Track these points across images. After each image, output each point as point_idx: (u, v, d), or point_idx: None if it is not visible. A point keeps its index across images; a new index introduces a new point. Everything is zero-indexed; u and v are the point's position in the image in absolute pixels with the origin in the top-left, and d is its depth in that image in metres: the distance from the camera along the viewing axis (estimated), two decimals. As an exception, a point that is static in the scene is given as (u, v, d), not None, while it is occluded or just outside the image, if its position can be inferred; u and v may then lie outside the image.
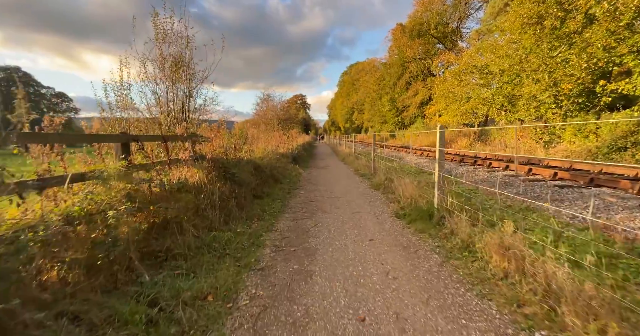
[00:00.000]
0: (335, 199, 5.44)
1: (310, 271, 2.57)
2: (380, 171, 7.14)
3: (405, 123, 31.78)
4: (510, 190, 5.30)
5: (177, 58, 4.72)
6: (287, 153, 10.71)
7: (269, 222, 4.02)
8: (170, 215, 2.83)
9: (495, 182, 6.00)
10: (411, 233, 3.43)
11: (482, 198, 4.53)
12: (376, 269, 2.56)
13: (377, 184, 6.40)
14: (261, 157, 7.02)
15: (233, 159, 5.04)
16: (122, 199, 2.31)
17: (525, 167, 6.60)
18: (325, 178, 8.03)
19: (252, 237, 3.41)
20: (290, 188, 6.47)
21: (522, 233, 2.34)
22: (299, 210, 4.72)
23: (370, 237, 3.39)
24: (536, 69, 10.48)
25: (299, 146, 14.87)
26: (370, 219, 4.10)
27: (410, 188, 4.54)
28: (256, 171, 5.79)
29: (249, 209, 4.33)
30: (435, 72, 29.35)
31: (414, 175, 6.34)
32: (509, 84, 14.63)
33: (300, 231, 3.68)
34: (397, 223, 3.88)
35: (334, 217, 4.28)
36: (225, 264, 2.63)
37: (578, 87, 10.03)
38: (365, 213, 4.39)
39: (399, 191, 4.99)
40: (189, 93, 4.84)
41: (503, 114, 17.34)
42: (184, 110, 4.93)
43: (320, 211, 4.63)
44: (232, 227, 3.55)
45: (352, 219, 4.12)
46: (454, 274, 2.39)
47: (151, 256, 2.46)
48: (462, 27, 28.84)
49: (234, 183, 4.48)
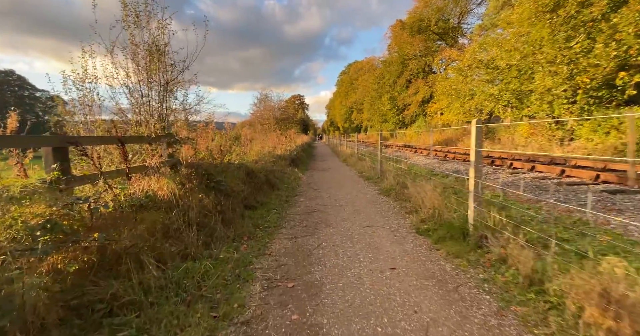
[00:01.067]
0: (341, 208, 4.68)
1: (315, 326, 1.81)
2: (389, 174, 6.38)
3: (405, 122, 31.05)
4: (547, 196, 4.55)
5: (152, 44, 3.96)
6: (285, 155, 9.96)
7: (262, 242, 3.26)
8: (123, 245, 2.07)
9: (521, 185, 5.26)
10: (443, 258, 2.67)
11: (518, 207, 3.78)
12: (409, 322, 1.80)
13: (387, 189, 5.65)
14: (255, 160, 6.26)
15: (220, 164, 4.29)
16: (34, 231, 1.55)
17: (556, 168, 5.84)
18: (328, 182, 7.27)
19: (238, 265, 2.65)
20: (288, 195, 5.72)
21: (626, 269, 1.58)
22: (299, 223, 3.97)
23: (390, 263, 2.63)
24: (552, 60, 9.74)
25: (298, 147, 14.12)
26: (386, 236, 3.34)
27: (431, 196, 3.79)
28: (249, 177, 5.03)
29: (238, 225, 3.56)
30: (436, 70, 28.66)
31: (428, 178, 5.59)
32: (517, 78, 13.91)
33: (301, 254, 2.92)
34: (421, 242, 3.12)
35: (341, 232, 3.52)
36: (197, 315, 1.87)
37: (598, 79, 9.31)
38: (379, 228, 3.64)
39: (417, 199, 4.24)
40: (166, 86, 4.07)
41: (509, 111, 16.65)
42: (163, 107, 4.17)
43: (324, 224, 3.88)
44: (213, 252, 2.78)
45: (364, 236, 3.36)
46: (525, 334, 1.64)
47: (84, 312, 1.70)
48: (463, 23, 28.16)
49: (220, 193, 3.72)
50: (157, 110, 4.16)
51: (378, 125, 36.31)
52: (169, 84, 4.13)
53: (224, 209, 3.57)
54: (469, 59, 17.17)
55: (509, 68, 14.28)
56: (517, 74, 13.93)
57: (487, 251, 2.57)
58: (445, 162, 9.38)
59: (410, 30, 28.15)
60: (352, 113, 52.50)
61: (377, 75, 36.49)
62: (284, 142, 12.65)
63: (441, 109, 22.04)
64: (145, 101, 4.03)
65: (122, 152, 2.45)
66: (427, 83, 27.37)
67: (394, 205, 4.73)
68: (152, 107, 4.08)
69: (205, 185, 3.63)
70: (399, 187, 5.31)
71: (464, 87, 18.24)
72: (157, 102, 4.14)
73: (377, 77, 35.93)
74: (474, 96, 17.51)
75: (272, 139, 11.54)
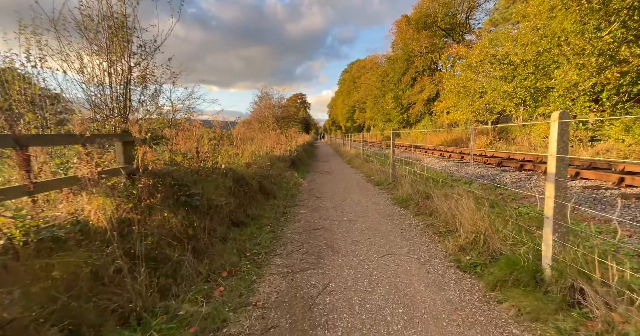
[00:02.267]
0: (350, 225, 3.79)
1: None
2: (404, 179, 5.48)
3: (410, 122, 30.09)
4: (610, 211, 3.64)
5: (108, 16, 3.08)
6: (285, 155, 9.08)
7: (247, 280, 2.38)
8: None
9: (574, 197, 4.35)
10: (514, 321, 1.77)
11: (598, 231, 2.87)
12: None
13: (404, 199, 4.75)
14: (248, 163, 5.38)
15: (201, 170, 3.40)
16: None
17: (610, 175, 4.87)
18: (332, 188, 6.38)
19: (205, 327, 1.78)
20: (286, 206, 4.83)
21: None
22: (298, 248, 3.08)
23: (434, 329, 1.74)
24: (579, 52, 8.79)
25: (299, 147, 13.23)
26: (416, 272, 2.45)
27: (471, 214, 2.90)
28: (238, 185, 4.15)
29: (216, 253, 2.68)
30: (443, 67, 27.67)
31: (450, 185, 4.69)
32: (534, 74, 12.96)
33: (299, 305, 2.04)
34: (469, 284, 2.22)
35: (353, 265, 2.63)
36: None
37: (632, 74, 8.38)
38: (403, 257, 2.75)
39: (447, 216, 3.35)
40: (130, 70, 3.18)
41: (521, 110, 15.71)
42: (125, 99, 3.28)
43: (329, 250, 2.99)
44: (171, 305, 1.90)
45: (385, 272, 2.48)
46: None
47: None
48: (471, 18, 27.17)
49: (194, 210, 2.84)
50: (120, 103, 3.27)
51: (381, 124, 35.35)
52: (133, 70, 3.24)
53: (197, 233, 2.69)
54: (479, 55, 16.23)
55: (525, 64, 13.34)
56: (533, 70, 12.99)
57: (585, 313, 1.67)
58: (463, 165, 8.46)
59: (415, 26, 27.18)
60: (355, 112, 51.54)
61: (380, 73, 35.52)
62: (284, 141, 11.76)
63: (448, 108, 21.08)
64: (101, 91, 3.15)
65: (21, 159, 1.58)
66: (433, 81, 26.40)
67: (416, 221, 3.83)
68: (111, 99, 3.20)
69: (175, 199, 2.75)
70: (419, 197, 4.41)
71: (474, 85, 17.31)
72: (119, 93, 3.26)
73: (381, 75, 34.96)
74: (484, 94, 16.58)
75: (271, 138, 10.65)
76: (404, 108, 30.23)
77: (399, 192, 5.16)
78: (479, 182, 5.68)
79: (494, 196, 4.33)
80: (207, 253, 2.60)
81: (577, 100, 10.51)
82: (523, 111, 15.61)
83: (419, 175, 5.42)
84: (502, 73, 14.91)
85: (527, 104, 15.01)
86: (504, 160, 8.01)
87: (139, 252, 2.00)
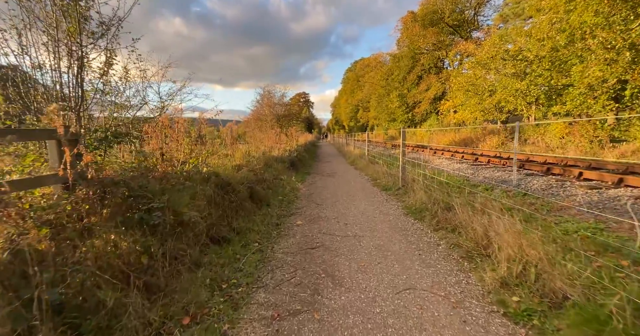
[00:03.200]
0: (355, 241, 3.13)
1: None
2: (415, 184, 4.80)
3: (415, 121, 29.31)
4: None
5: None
6: (284, 156, 8.43)
7: (214, 333, 1.73)
8: None
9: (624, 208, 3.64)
10: None
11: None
12: None
13: (418, 209, 4.07)
14: (239, 166, 4.73)
15: (169, 176, 2.75)
16: None
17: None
18: (334, 193, 5.71)
19: None
20: (280, 215, 4.18)
21: None
22: (289, 276, 2.42)
23: None
24: (608, 46, 8.03)
25: (300, 146, 12.57)
26: (448, 323, 1.78)
27: (517, 239, 2.21)
28: (222, 192, 3.50)
29: (181, 289, 2.03)
30: (450, 64, 26.85)
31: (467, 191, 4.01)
32: (550, 70, 12.16)
33: (283, 382, 1.38)
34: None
35: (360, 307, 1.97)
36: None
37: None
38: (427, 295, 2.08)
39: (476, 234, 2.67)
40: (82, 54, 2.54)
41: (533, 109, 14.94)
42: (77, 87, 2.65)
43: (329, 280, 2.33)
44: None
45: (406, 321, 1.81)
46: None
47: None
48: (479, 14, 26.30)
49: (154, 230, 2.19)
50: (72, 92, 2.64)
51: (385, 123, 34.59)
52: (84, 51, 2.59)
53: (154, 261, 2.04)
54: (490, 51, 15.45)
55: (540, 60, 12.55)
56: (549, 66, 12.20)
57: None
58: (479, 168, 7.74)
59: (422, 22, 26.37)
60: (358, 111, 50.76)
61: (385, 71, 34.71)
62: (284, 140, 11.11)
63: (455, 107, 20.29)
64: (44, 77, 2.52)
65: None
66: (440, 79, 25.61)
67: (436, 238, 3.15)
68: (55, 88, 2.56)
69: (126, 217, 2.10)
70: (437, 207, 3.73)
71: (483, 83, 16.54)
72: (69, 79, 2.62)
73: (385, 73, 34.16)
74: (494, 92, 15.80)
75: (270, 138, 10.00)
76: (409, 107, 29.46)
77: (410, 200, 4.48)
78: (501, 187, 4.98)
79: (527, 207, 3.64)
80: (165, 290, 1.96)
81: (599, 98, 9.76)
82: (535, 110, 14.85)
83: (432, 179, 4.74)
84: (514, 70, 14.12)
85: (540, 103, 14.25)
86: (525, 163, 7.29)
87: (51, 302, 1.36)
